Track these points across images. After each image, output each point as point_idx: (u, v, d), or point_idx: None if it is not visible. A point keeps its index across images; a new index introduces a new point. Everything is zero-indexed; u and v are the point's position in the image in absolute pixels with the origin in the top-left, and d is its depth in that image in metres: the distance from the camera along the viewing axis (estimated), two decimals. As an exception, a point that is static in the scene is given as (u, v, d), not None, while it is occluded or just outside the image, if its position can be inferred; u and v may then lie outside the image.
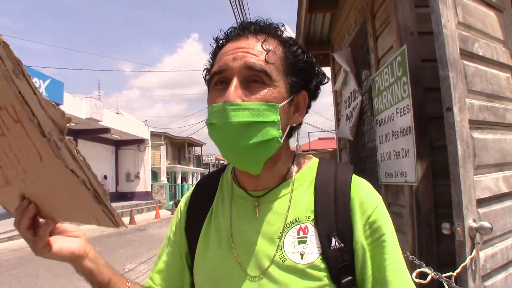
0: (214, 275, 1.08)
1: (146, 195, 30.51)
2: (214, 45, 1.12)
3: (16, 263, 9.39)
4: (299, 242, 1.01)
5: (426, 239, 2.77)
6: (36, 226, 0.91)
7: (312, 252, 0.99)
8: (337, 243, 0.99)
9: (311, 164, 1.14)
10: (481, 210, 2.25)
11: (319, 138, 38.94)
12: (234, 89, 0.96)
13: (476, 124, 2.36)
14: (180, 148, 47.10)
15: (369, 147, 4.48)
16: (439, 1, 2.24)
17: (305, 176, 1.11)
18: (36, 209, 0.90)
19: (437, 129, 2.76)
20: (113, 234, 14.30)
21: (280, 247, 1.01)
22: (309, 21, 6.19)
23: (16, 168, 0.85)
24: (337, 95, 5.98)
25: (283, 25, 1.12)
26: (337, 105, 6.14)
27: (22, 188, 0.89)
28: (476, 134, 2.34)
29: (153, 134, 34.70)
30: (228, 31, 1.09)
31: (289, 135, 1.11)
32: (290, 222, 1.03)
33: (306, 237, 1.01)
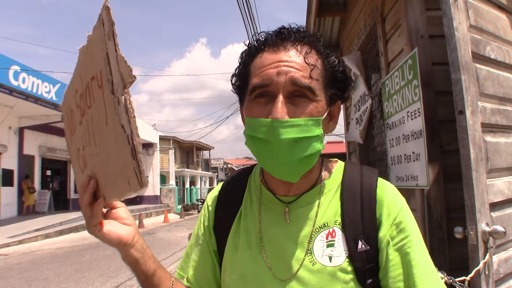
0: (244, 277, 1.10)
1: (154, 199, 30.57)
2: (247, 51, 1.11)
3: (27, 266, 9.45)
4: (328, 246, 1.03)
5: (438, 243, 2.75)
6: (92, 204, 0.95)
7: (339, 255, 1.02)
8: (363, 246, 1.01)
9: (338, 168, 1.16)
10: (494, 214, 2.23)
11: (328, 142, 38.82)
12: (281, 106, 0.97)
13: (488, 128, 2.34)
14: (188, 152, 47.20)
15: (378, 150, 4.46)
16: (451, 4, 2.23)
17: (333, 181, 1.13)
18: (96, 185, 0.95)
19: (448, 133, 2.75)
20: (122, 238, 14.30)
21: (310, 251, 1.04)
22: (318, 25, 6.18)
23: (91, 143, 0.98)
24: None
25: (320, 34, 1.12)
26: (346, 109, 6.13)
27: (91, 166, 1.00)
28: (489, 138, 2.33)
29: (161, 138, 34.81)
30: (264, 38, 1.07)
31: None
32: (319, 226, 1.06)
33: (334, 241, 1.04)
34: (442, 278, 1.99)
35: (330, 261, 1.01)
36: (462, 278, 2.01)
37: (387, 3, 3.63)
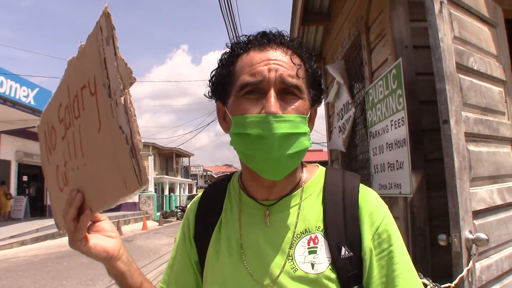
0: (225, 284, 1.08)
1: (133, 206, 30.22)
2: (229, 51, 1.11)
3: (1, 274, 9.22)
4: (310, 252, 1.02)
5: (421, 251, 2.79)
6: (77, 219, 0.95)
7: (322, 262, 1.00)
8: (346, 252, 1.00)
9: (319, 173, 1.16)
10: (476, 222, 2.27)
11: (308, 151, 38.94)
12: (274, 101, 0.97)
13: (471, 137, 2.39)
14: (168, 158, 46.87)
15: (361, 159, 4.51)
16: (437, 15, 2.28)
17: (314, 185, 1.12)
18: (82, 199, 0.95)
19: (431, 142, 2.81)
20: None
21: (291, 257, 1.02)
22: (302, 33, 6.24)
23: (77, 155, 0.97)
24: (329, 107, 6.02)
25: (301, 40, 1.15)
26: (329, 117, 6.18)
27: (75, 181, 1.00)
28: (472, 147, 2.38)
29: (141, 144, 34.42)
30: (249, 39, 1.08)
31: None
32: (301, 232, 1.05)
33: (316, 247, 1.02)
34: (427, 285, 2.01)
35: (313, 268, 0.99)
36: (447, 285, 2.04)
37: (372, 13, 3.69)
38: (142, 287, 1.09)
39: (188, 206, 1.31)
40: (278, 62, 1.02)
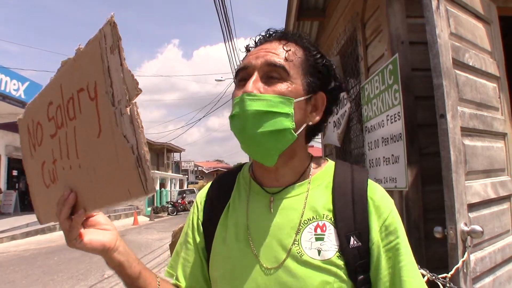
0: (232, 269, 1.10)
1: (123, 201, 30.01)
2: (245, 52, 1.20)
3: (-8, 268, 9.18)
4: (317, 239, 1.04)
5: (415, 243, 2.83)
6: (70, 218, 0.95)
7: (329, 249, 1.02)
8: (355, 242, 1.03)
9: (328, 166, 1.19)
10: (471, 215, 2.32)
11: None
12: (253, 82, 1.04)
13: (467, 132, 2.44)
14: (159, 154, 46.69)
15: (355, 153, 4.55)
16: (434, 11, 2.32)
17: (322, 176, 1.15)
18: (76, 198, 0.96)
19: (426, 136, 2.85)
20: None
21: (297, 242, 1.05)
22: (297, 28, 6.26)
23: (70, 155, 0.97)
24: (323, 102, 6.05)
25: (307, 35, 1.20)
26: (323, 112, 6.20)
27: (66, 179, 1.00)
28: (467, 141, 2.42)
29: (131, 139, 34.26)
30: (256, 39, 1.18)
31: (308, 135, 1.17)
32: (308, 219, 1.07)
33: (324, 235, 1.04)
34: (424, 275, 2.06)
35: (319, 254, 1.02)
36: (444, 275, 2.09)
37: (368, 9, 3.72)
38: (141, 275, 1.10)
39: (198, 194, 1.34)
40: (268, 50, 1.10)
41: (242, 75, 1.10)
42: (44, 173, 1.12)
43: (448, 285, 2.04)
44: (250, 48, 1.18)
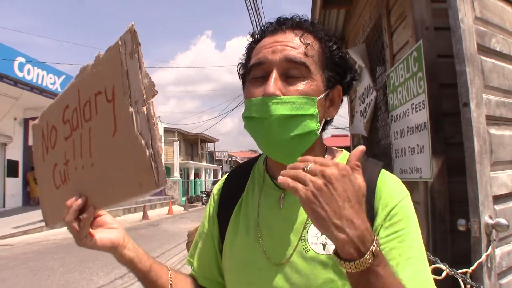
0: (241, 262, 1.11)
1: (159, 191, 30.55)
2: (250, 40, 1.15)
3: (32, 256, 9.50)
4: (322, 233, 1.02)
5: (441, 236, 2.75)
6: (79, 219, 0.99)
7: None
8: None
9: (341, 158, 1.16)
10: (497, 207, 2.23)
11: (332, 135, 38.73)
12: (274, 81, 0.98)
13: (493, 120, 2.33)
14: (193, 144, 47.28)
15: (383, 144, 4.46)
16: (456, -5, 2.22)
17: None
18: (85, 200, 1.00)
19: (452, 126, 2.75)
20: (127, 229, 14.11)
21: (303, 238, 1.03)
22: (323, 17, 6.16)
23: (83, 155, 1.04)
24: (351, 91, 5.96)
25: (318, 21, 1.14)
26: (351, 101, 6.11)
27: (78, 179, 1.06)
28: (493, 130, 2.32)
29: (166, 130, 34.88)
30: (265, 26, 1.12)
31: (323, 128, 1.14)
32: None
33: None
34: (443, 270, 1.99)
35: (324, 249, 0.99)
36: (464, 270, 2.02)
37: (393, -5, 3.62)
38: (152, 269, 1.13)
39: (215, 185, 1.35)
40: (284, 43, 1.03)
41: (257, 72, 1.04)
42: (55, 175, 1.17)
43: (468, 281, 1.96)
44: (257, 36, 1.13)
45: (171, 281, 1.17)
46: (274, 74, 0.99)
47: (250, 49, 1.13)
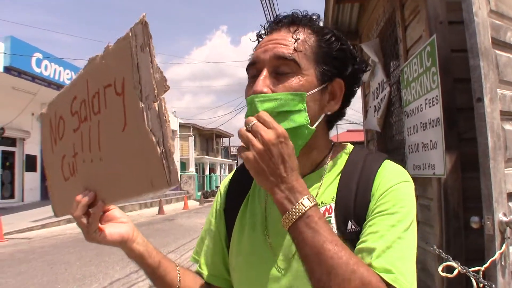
0: (248, 258, 1.11)
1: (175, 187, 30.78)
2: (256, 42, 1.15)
3: (49, 250, 9.66)
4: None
5: (454, 233, 2.72)
6: (88, 214, 1.00)
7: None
8: (353, 227, 0.98)
9: (344, 152, 1.14)
10: (512, 204, 2.19)
11: (348, 130, 38.59)
12: (262, 80, 0.99)
13: (507, 116, 2.29)
14: (208, 139, 47.45)
15: (396, 139, 4.42)
16: (470, -12, 2.18)
17: (336, 163, 1.11)
18: (94, 196, 1.00)
19: (466, 121, 2.70)
20: (142, 224, 14.55)
21: None
22: (337, 11, 6.10)
23: (92, 148, 1.02)
24: (365, 86, 5.91)
25: (318, 15, 1.13)
26: (365, 96, 6.07)
27: (86, 172, 1.06)
28: (508, 126, 2.28)
29: (181, 125, 35.05)
30: (264, 27, 1.13)
31: (328, 123, 1.14)
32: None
33: (331, 217, 1.01)
34: (455, 268, 1.97)
35: None
36: (476, 268, 1.99)
37: (407, -12, 3.57)
38: (161, 264, 1.13)
39: (222, 182, 1.37)
40: (277, 41, 1.03)
41: (252, 72, 1.06)
42: (64, 166, 1.16)
43: (480, 279, 1.94)
44: (263, 36, 1.13)
45: (179, 277, 1.17)
46: (264, 72, 1.00)
47: (253, 50, 1.13)
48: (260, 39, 1.12)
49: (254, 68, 1.05)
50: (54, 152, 1.23)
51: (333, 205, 1.02)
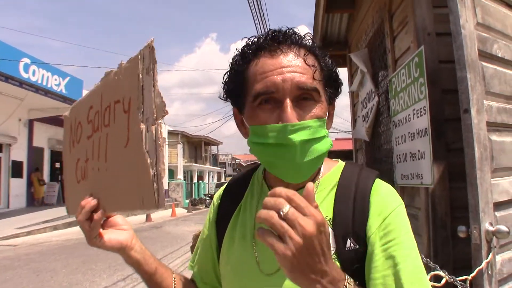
0: (235, 269, 1.13)
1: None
2: (238, 56, 1.09)
3: (35, 257, 9.53)
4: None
5: (442, 242, 2.74)
6: (91, 219, 1.04)
7: None
8: (352, 244, 0.99)
9: (337, 168, 1.16)
10: (498, 214, 2.22)
11: (336, 139, 38.69)
12: (290, 110, 0.97)
13: (494, 126, 2.32)
14: (196, 147, 47.30)
15: (385, 148, 4.45)
16: (458, 1, 2.21)
17: (329, 179, 1.12)
18: (96, 204, 1.05)
19: (454, 131, 2.74)
20: (129, 231, 14.39)
21: None
22: (327, 21, 6.16)
23: (100, 158, 1.08)
24: (353, 96, 5.95)
25: (311, 34, 1.12)
26: (353, 106, 6.11)
27: (93, 180, 1.13)
28: (494, 137, 2.31)
29: (170, 133, 34.95)
30: (258, 44, 1.06)
31: None
32: None
33: None
34: (443, 277, 1.98)
35: None
36: (463, 277, 2.00)
37: (395, 0, 3.61)
38: (157, 271, 1.18)
39: (216, 193, 1.38)
40: (292, 69, 1.00)
41: (266, 98, 1.01)
42: (78, 169, 1.23)
43: (467, 288, 1.95)
44: (252, 52, 1.06)
45: (174, 284, 1.22)
46: (288, 102, 0.98)
47: (243, 67, 1.07)
48: (248, 54, 1.07)
49: (270, 96, 1.00)
50: (71, 154, 1.30)
51: (328, 222, 1.03)
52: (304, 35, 1.08)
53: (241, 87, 1.07)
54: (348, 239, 1.00)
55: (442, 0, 2.74)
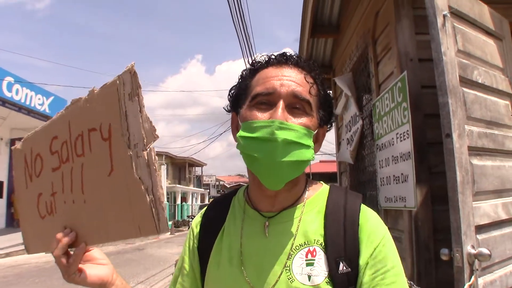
0: None
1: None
2: (249, 67, 1.19)
3: (13, 280, 9.32)
4: (307, 264, 1.03)
5: (425, 264, 2.76)
6: (67, 253, 1.01)
7: (319, 274, 1.01)
8: (344, 268, 1.01)
9: (322, 191, 1.18)
10: (480, 237, 2.25)
11: (320, 161, 38.89)
12: (282, 111, 1.03)
13: (475, 151, 2.37)
14: (180, 168, 47.07)
15: (369, 171, 4.49)
16: (439, 29, 2.28)
17: (316, 201, 1.15)
18: (74, 236, 1.01)
19: (436, 155, 2.78)
20: (112, 253, 14.19)
21: (288, 268, 1.04)
22: (312, 45, 6.26)
23: (74, 190, 1.03)
24: (338, 119, 6.02)
25: (315, 62, 1.20)
26: (338, 129, 6.17)
27: (66, 214, 1.06)
28: (475, 161, 2.36)
29: (154, 154, 34.67)
30: (269, 57, 1.16)
31: None
32: (299, 244, 1.07)
33: (314, 260, 1.04)
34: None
35: (309, 280, 1.01)
36: (446, 300, 2.02)
37: (379, 26, 3.70)
38: None
39: (194, 219, 1.35)
40: (292, 79, 1.08)
41: (262, 99, 1.07)
42: (40, 204, 1.16)
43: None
44: (256, 65, 1.17)
45: None
46: (282, 104, 1.04)
47: (250, 75, 1.17)
48: (258, 66, 1.16)
49: (267, 97, 1.07)
50: (28, 188, 1.22)
51: (317, 248, 1.05)
52: (311, 61, 1.17)
53: (244, 92, 1.15)
54: (341, 262, 1.02)
55: (424, 28, 2.83)
